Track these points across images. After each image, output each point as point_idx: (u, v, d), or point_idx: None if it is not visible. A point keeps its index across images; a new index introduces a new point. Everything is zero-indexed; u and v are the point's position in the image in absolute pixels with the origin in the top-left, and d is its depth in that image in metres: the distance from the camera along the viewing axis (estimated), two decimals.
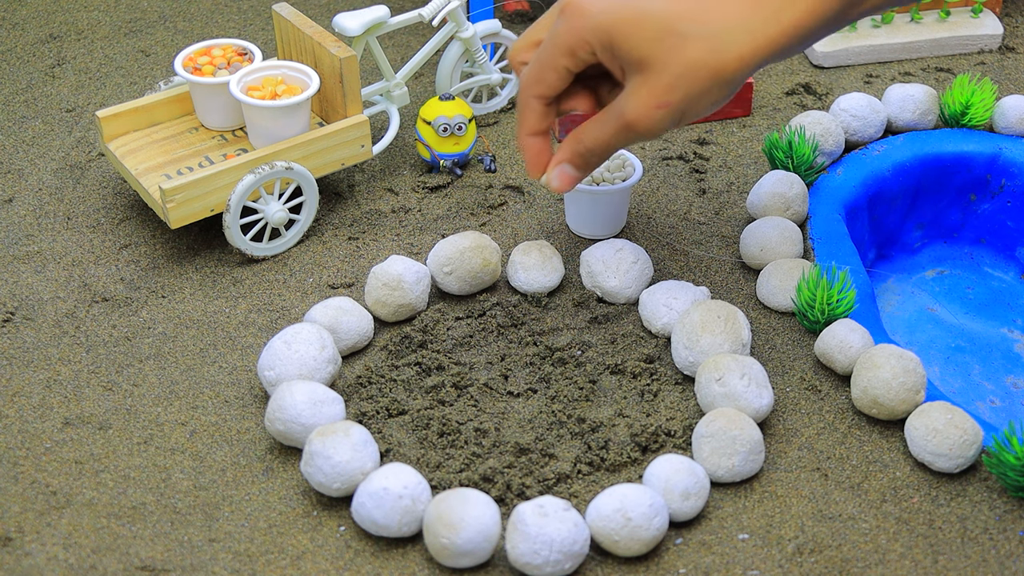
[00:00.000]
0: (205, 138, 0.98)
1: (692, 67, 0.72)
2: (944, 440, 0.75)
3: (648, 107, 0.74)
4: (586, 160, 0.79)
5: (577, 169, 0.80)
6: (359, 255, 0.94)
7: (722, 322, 0.81)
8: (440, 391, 0.82)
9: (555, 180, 0.81)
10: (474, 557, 0.70)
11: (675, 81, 0.72)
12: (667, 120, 0.74)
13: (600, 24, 0.73)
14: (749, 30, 0.71)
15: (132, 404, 0.82)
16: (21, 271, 0.93)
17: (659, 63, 0.72)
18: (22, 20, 1.25)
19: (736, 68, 0.72)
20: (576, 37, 0.74)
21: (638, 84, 0.74)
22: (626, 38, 0.73)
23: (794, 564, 0.71)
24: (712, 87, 0.73)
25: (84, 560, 0.72)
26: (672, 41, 0.72)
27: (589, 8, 0.74)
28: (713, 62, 0.72)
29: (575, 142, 0.79)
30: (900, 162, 1.02)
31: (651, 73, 0.73)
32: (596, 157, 0.79)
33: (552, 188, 0.81)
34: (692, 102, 0.73)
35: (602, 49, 0.74)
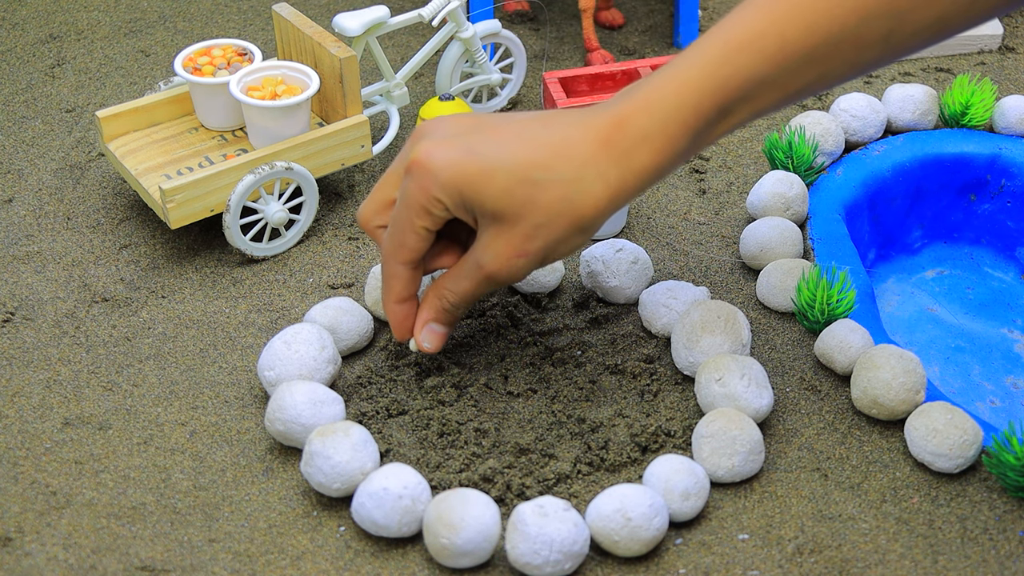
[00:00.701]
0: (205, 138, 0.98)
1: (549, 216, 0.71)
2: (944, 440, 0.75)
3: (508, 257, 0.73)
4: (451, 315, 0.79)
5: (443, 325, 0.79)
6: (359, 255, 0.94)
7: (722, 322, 0.81)
8: (440, 391, 0.82)
9: (426, 342, 0.80)
10: (474, 557, 0.70)
11: (533, 231, 0.71)
12: (527, 267, 0.74)
13: (449, 180, 0.71)
14: (602, 176, 0.70)
15: (132, 404, 0.82)
16: (21, 271, 0.93)
17: (514, 214, 0.71)
18: (22, 20, 1.25)
19: (593, 215, 0.71)
20: (427, 196, 0.72)
21: (494, 235, 0.73)
22: (477, 192, 0.71)
23: (794, 564, 0.71)
24: (571, 233, 0.72)
25: (84, 560, 0.72)
26: (525, 191, 0.70)
27: (434, 164, 0.72)
28: (570, 209, 0.71)
29: (437, 298, 0.78)
30: (900, 162, 1.02)
31: (507, 224, 0.72)
32: (460, 309, 0.78)
33: (424, 350, 0.80)
34: (551, 249, 0.73)
35: (454, 204, 0.72)
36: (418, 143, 0.73)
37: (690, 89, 0.70)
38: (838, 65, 0.70)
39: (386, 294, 0.78)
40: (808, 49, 0.69)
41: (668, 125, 0.70)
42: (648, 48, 1.19)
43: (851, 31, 0.69)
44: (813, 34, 0.69)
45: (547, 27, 1.22)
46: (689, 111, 0.70)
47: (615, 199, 0.71)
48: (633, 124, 0.70)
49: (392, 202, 0.77)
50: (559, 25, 1.23)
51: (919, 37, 0.70)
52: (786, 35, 0.69)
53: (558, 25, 1.23)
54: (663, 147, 0.70)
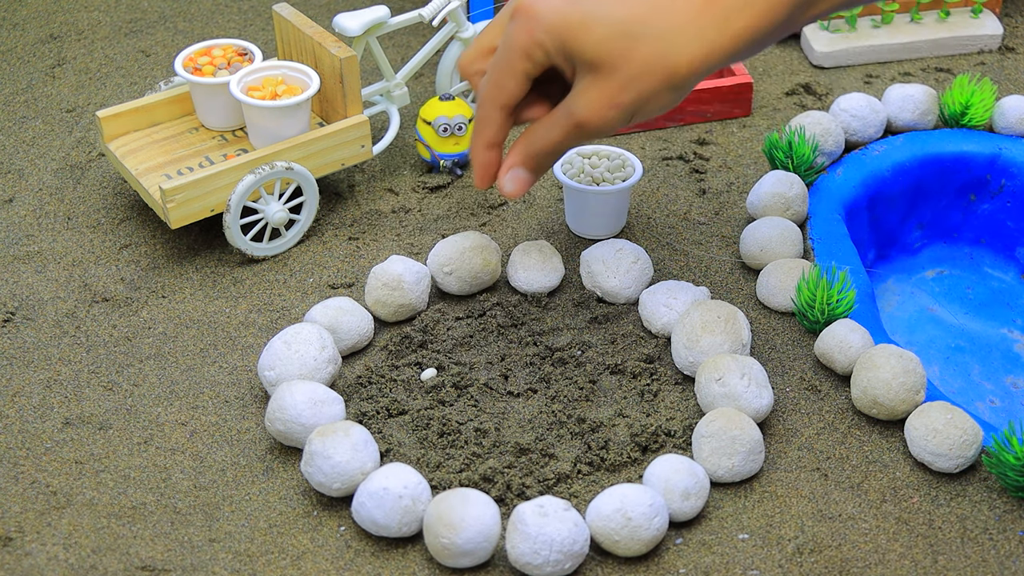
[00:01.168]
0: (205, 138, 0.98)
1: (644, 69, 0.72)
2: (944, 440, 0.75)
3: (600, 107, 0.74)
4: (538, 162, 0.79)
5: (529, 172, 0.80)
6: (359, 255, 0.94)
7: (722, 322, 0.81)
8: (440, 391, 0.82)
9: (508, 184, 0.80)
10: (474, 557, 0.70)
11: (627, 83, 0.73)
12: (618, 120, 0.75)
13: (552, 24, 0.73)
14: (699, 35, 0.71)
15: (132, 404, 0.82)
16: (21, 271, 0.93)
17: (610, 64, 0.72)
18: (22, 20, 1.25)
19: (687, 72, 0.72)
20: (531, 39, 0.74)
21: (588, 84, 0.74)
22: (578, 39, 0.73)
23: (794, 564, 0.71)
24: (663, 90, 0.73)
25: (84, 560, 0.72)
26: (624, 43, 0.72)
27: (540, 9, 0.73)
28: (664, 64, 0.72)
29: (526, 144, 0.79)
30: (900, 162, 1.02)
31: (602, 74, 0.73)
32: (548, 158, 0.79)
33: (505, 193, 0.80)
34: (642, 103, 0.74)
35: (556, 50, 0.74)
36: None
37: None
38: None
39: (476, 137, 0.80)
40: None
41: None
42: None
43: None
44: None
45: None
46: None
47: (709, 59, 0.72)
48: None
49: (492, 49, 0.79)
50: None
51: None
52: None
53: None
54: (763, 13, 0.71)
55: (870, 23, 1.17)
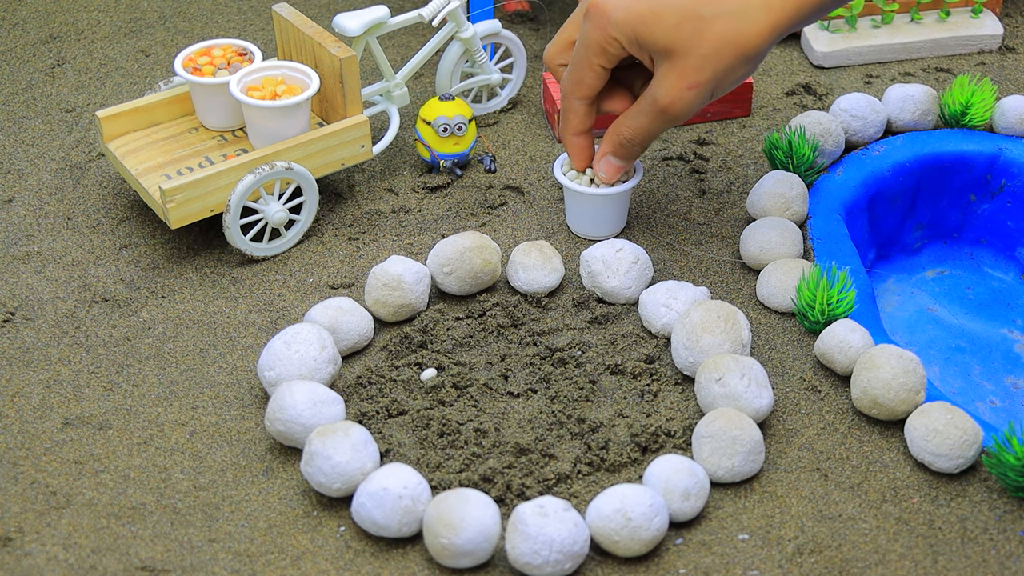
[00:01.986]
0: (205, 138, 0.98)
1: (717, 46, 0.77)
2: (944, 440, 0.75)
3: (680, 89, 0.79)
4: (628, 150, 0.86)
5: (621, 159, 0.87)
6: (359, 255, 0.94)
7: (722, 322, 0.81)
8: (440, 391, 0.82)
9: (602, 172, 0.88)
10: (474, 557, 0.70)
11: (702, 62, 0.77)
12: (699, 99, 0.80)
13: (623, 20, 0.78)
14: (766, 5, 0.76)
15: (132, 404, 0.82)
16: (21, 271, 0.93)
17: (684, 47, 0.77)
18: (22, 20, 1.25)
19: (758, 43, 0.77)
20: (604, 35, 0.80)
21: (666, 69, 0.79)
22: (649, 29, 0.78)
23: (794, 564, 0.71)
24: (737, 63, 0.78)
25: (84, 560, 0.72)
26: (693, 25, 0.77)
27: (609, 6, 0.79)
28: (736, 39, 0.77)
29: (615, 134, 0.85)
30: (900, 162, 1.02)
31: (678, 58, 0.78)
32: (637, 146, 0.85)
33: (600, 180, 0.89)
34: (720, 79, 0.79)
35: (629, 43, 0.79)
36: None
37: None
38: None
39: (565, 127, 0.87)
40: None
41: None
42: None
43: None
44: None
45: (547, 27, 1.22)
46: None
47: (777, 27, 0.77)
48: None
49: (572, 42, 0.86)
50: (559, 25, 1.23)
51: None
52: None
53: (558, 25, 1.23)
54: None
55: (870, 23, 1.17)
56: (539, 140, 1.06)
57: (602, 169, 0.88)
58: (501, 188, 1.01)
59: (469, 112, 1.01)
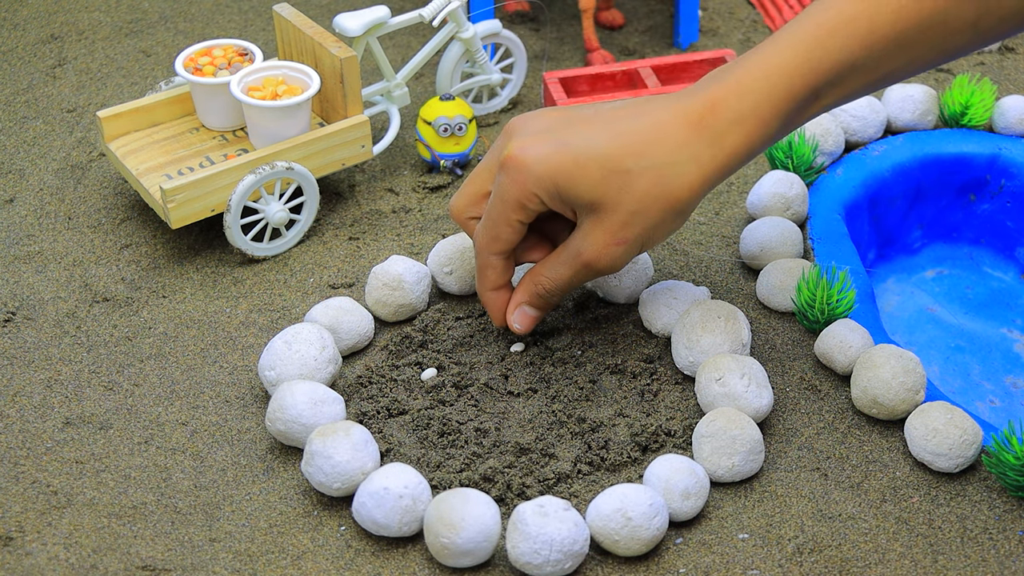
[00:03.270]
0: (206, 138, 0.98)
1: (645, 202, 0.72)
2: (944, 440, 0.75)
3: (606, 245, 0.74)
4: (545, 300, 0.81)
5: (536, 309, 0.82)
6: (359, 255, 0.95)
7: (722, 322, 0.81)
8: (440, 391, 0.82)
9: (516, 323, 0.82)
10: (474, 557, 0.70)
11: (629, 218, 0.73)
12: (626, 255, 0.75)
13: (544, 174, 0.73)
14: (695, 158, 0.72)
15: (133, 404, 0.82)
16: (22, 271, 0.93)
17: (610, 203, 0.73)
18: (23, 20, 1.25)
19: (688, 197, 0.73)
20: (522, 191, 0.74)
21: (592, 224, 0.74)
22: (573, 184, 0.73)
23: (794, 564, 0.71)
24: (667, 217, 0.74)
25: (85, 560, 0.72)
26: (619, 179, 0.72)
27: (528, 160, 0.73)
28: (664, 194, 0.72)
29: (532, 284, 0.80)
30: (900, 162, 1.02)
31: (603, 213, 0.73)
32: (555, 296, 0.80)
33: (514, 331, 0.82)
34: (648, 235, 0.74)
35: (550, 198, 0.74)
36: (510, 140, 0.75)
37: (783, 72, 0.71)
38: (926, 51, 0.72)
39: (481, 283, 0.81)
40: (897, 34, 0.71)
41: (761, 108, 0.71)
42: (648, 48, 1.19)
43: (939, 17, 0.71)
44: (902, 20, 0.71)
45: (547, 27, 1.22)
46: (782, 94, 0.71)
47: (708, 180, 0.73)
48: (725, 107, 0.72)
49: (484, 195, 0.79)
50: (559, 25, 1.23)
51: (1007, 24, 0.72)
52: (875, 20, 0.71)
53: (558, 25, 1.23)
54: (755, 129, 0.72)
55: None
56: None
57: (517, 320, 0.82)
58: None
59: (469, 112, 1.01)
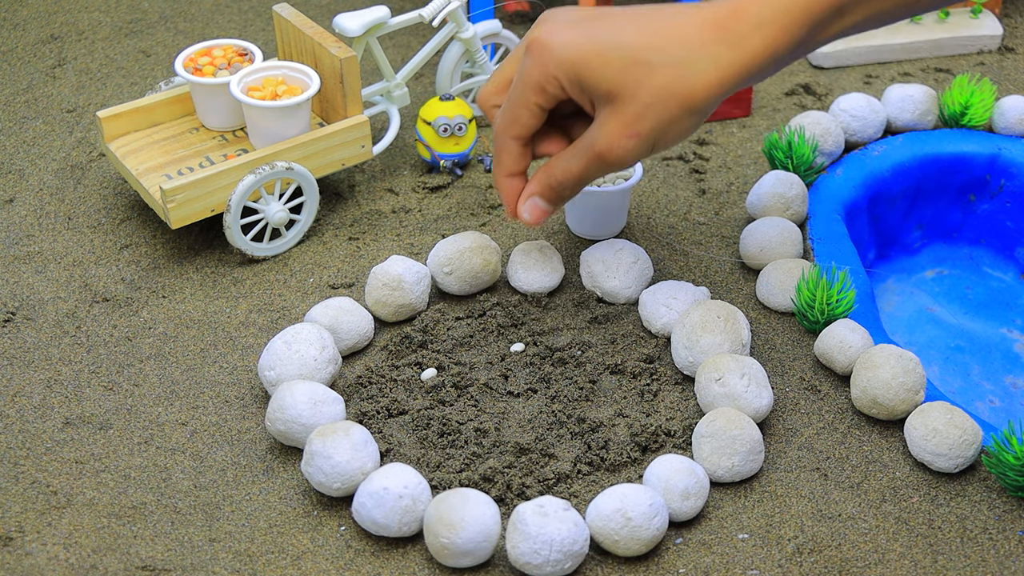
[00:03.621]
0: (206, 138, 0.98)
1: (660, 96, 0.72)
2: (944, 440, 0.75)
3: (619, 137, 0.74)
4: (557, 193, 0.80)
5: (548, 202, 0.81)
6: (359, 255, 0.95)
7: (722, 322, 0.81)
8: (440, 391, 0.82)
9: (526, 213, 0.81)
10: (474, 557, 0.70)
11: (644, 110, 0.73)
12: (638, 149, 0.75)
13: (566, 58, 0.74)
14: (715, 58, 0.72)
15: (133, 404, 0.82)
16: (22, 271, 0.93)
17: (627, 94, 0.73)
18: (23, 20, 1.25)
19: (704, 96, 0.73)
20: (543, 73, 0.75)
21: (607, 115, 0.74)
22: (593, 71, 0.73)
23: (794, 564, 0.71)
24: (681, 116, 0.73)
25: (85, 560, 0.72)
26: (639, 71, 0.72)
27: (553, 43, 0.74)
28: (681, 90, 0.72)
29: (546, 175, 0.80)
30: (899, 162, 1.02)
31: (619, 104, 0.73)
32: (567, 190, 0.80)
33: (524, 222, 0.82)
34: (662, 131, 0.74)
35: (569, 83, 0.75)
36: (539, 25, 0.76)
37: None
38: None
39: (497, 168, 0.81)
40: None
41: (784, 15, 0.71)
42: None
43: None
44: None
45: None
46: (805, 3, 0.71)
47: (726, 82, 0.73)
48: (749, 12, 0.72)
49: (508, 85, 0.81)
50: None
51: None
52: None
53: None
54: (778, 35, 0.72)
55: None
56: None
57: (527, 211, 0.81)
58: None
59: (469, 112, 1.01)
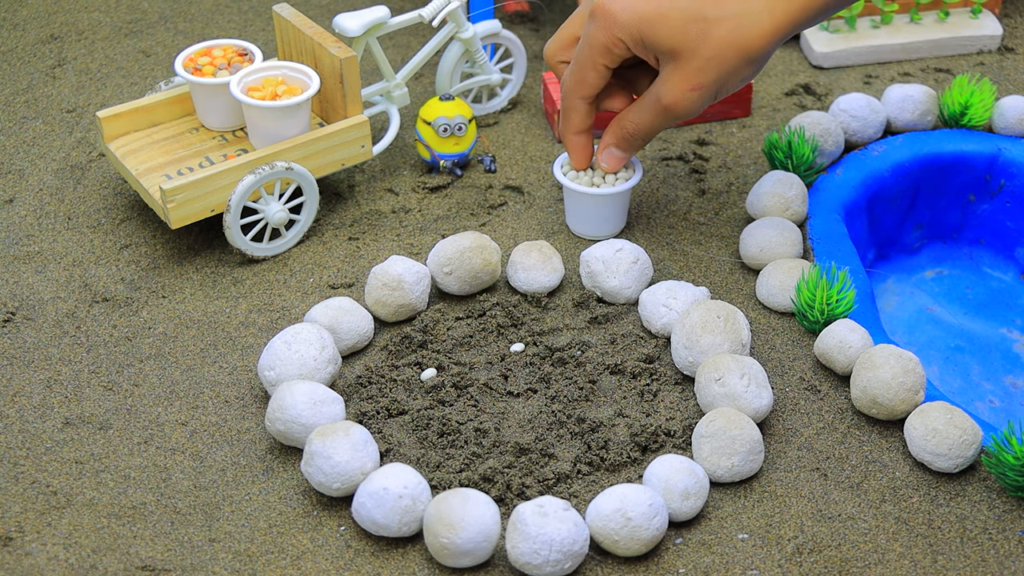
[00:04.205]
0: (205, 138, 0.98)
1: (720, 48, 0.79)
2: (943, 440, 0.75)
3: (683, 90, 0.81)
4: (630, 143, 0.88)
5: (623, 151, 0.89)
6: (359, 255, 0.95)
7: (722, 322, 0.81)
8: (440, 391, 0.82)
9: (604, 162, 0.90)
10: (474, 557, 0.70)
11: (705, 64, 0.79)
12: (702, 100, 0.82)
13: (629, 21, 0.80)
14: (769, 9, 0.78)
15: (132, 404, 0.82)
16: (22, 271, 0.93)
17: (689, 49, 0.79)
18: (23, 20, 1.25)
19: (761, 45, 0.79)
20: (609, 36, 0.81)
21: (671, 70, 0.81)
22: (655, 31, 0.79)
23: (794, 564, 0.71)
24: (740, 65, 0.80)
25: (84, 560, 0.72)
26: (698, 27, 0.78)
27: (615, 9, 0.81)
28: (739, 41, 0.78)
29: (619, 127, 0.87)
30: (899, 162, 1.02)
31: (682, 59, 0.80)
32: (640, 140, 0.87)
33: (603, 170, 0.91)
34: (723, 81, 0.81)
35: (634, 44, 0.81)
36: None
37: None
38: None
39: (565, 126, 0.89)
40: None
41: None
42: None
43: None
44: None
45: (547, 27, 1.22)
46: None
47: (780, 30, 0.79)
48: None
49: (574, 40, 0.88)
50: (559, 25, 1.23)
51: None
52: None
53: (558, 25, 1.23)
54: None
55: (870, 23, 1.17)
56: (539, 140, 1.06)
57: (604, 159, 0.90)
58: (501, 188, 1.01)
59: (469, 112, 1.01)
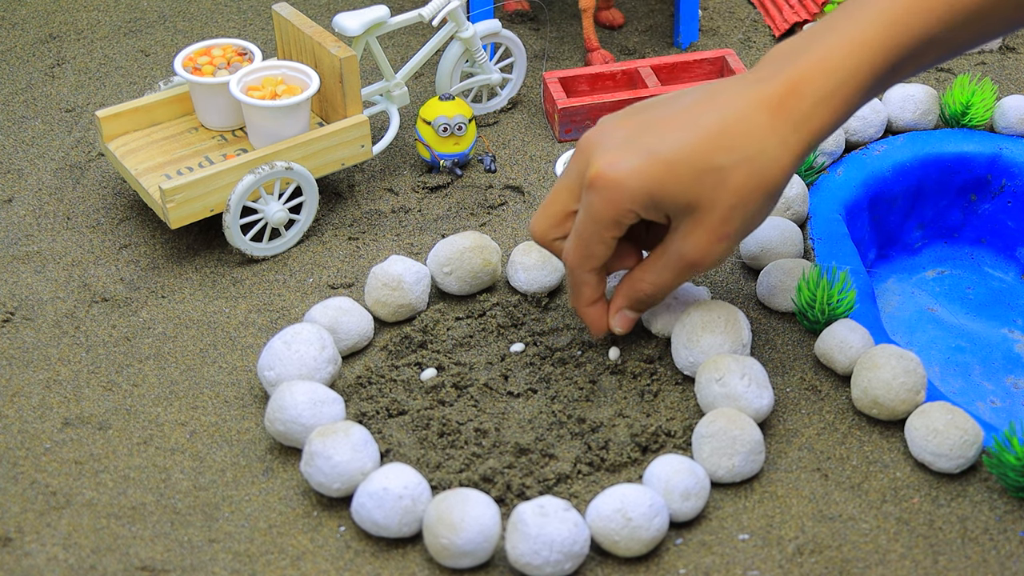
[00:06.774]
0: (205, 138, 0.98)
1: (741, 195, 0.73)
2: (944, 440, 0.75)
3: (710, 243, 0.74)
4: (646, 304, 0.81)
5: (636, 312, 0.82)
6: (359, 255, 0.94)
7: (722, 322, 0.81)
8: (440, 391, 0.82)
9: (619, 327, 0.82)
10: (474, 557, 0.70)
11: (729, 212, 0.73)
12: (730, 248, 0.75)
13: (638, 188, 0.73)
14: (783, 142, 0.72)
15: (132, 404, 0.82)
16: (21, 271, 0.93)
17: (707, 201, 0.73)
18: (22, 20, 1.25)
19: (781, 180, 0.73)
20: (617, 209, 0.74)
21: (692, 225, 0.74)
22: (666, 190, 0.73)
23: (794, 564, 0.71)
24: (764, 203, 0.74)
25: (84, 560, 0.72)
26: (713, 177, 0.72)
27: (620, 177, 0.73)
28: (760, 183, 0.73)
29: (633, 290, 0.80)
30: (900, 162, 1.02)
31: (702, 212, 0.73)
32: (657, 300, 0.81)
33: (617, 333, 0.82)
34: (749, 223, 0.75)
35: (645, 210, 0.74)
36: (595, 157, 0.74)
37: (866, 50, 0.72)
38: (997, 22, 0.74)
39: (577, 299, 0.81)
40: (975, 7, 0.72)
41: (846, 85, 0.72)
42: (648, 48, 1.19)
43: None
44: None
45: (547, 27, 1.22)
46: (866, 72, 0.72)
47: (797, 160, 0.73)
48: (809, 88, 0.72)
49: (566, 215, 0.78)
50: (559, 25, 1.23)
51: None
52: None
53: (558, 25, 1.23)
54: (840, 106, 0.73)
55: None
56: (539, 140, 1.06)
57: (618, 324, 0.81)
58: (501, 188, 1.01)
59: (469, 112, 1.01)
